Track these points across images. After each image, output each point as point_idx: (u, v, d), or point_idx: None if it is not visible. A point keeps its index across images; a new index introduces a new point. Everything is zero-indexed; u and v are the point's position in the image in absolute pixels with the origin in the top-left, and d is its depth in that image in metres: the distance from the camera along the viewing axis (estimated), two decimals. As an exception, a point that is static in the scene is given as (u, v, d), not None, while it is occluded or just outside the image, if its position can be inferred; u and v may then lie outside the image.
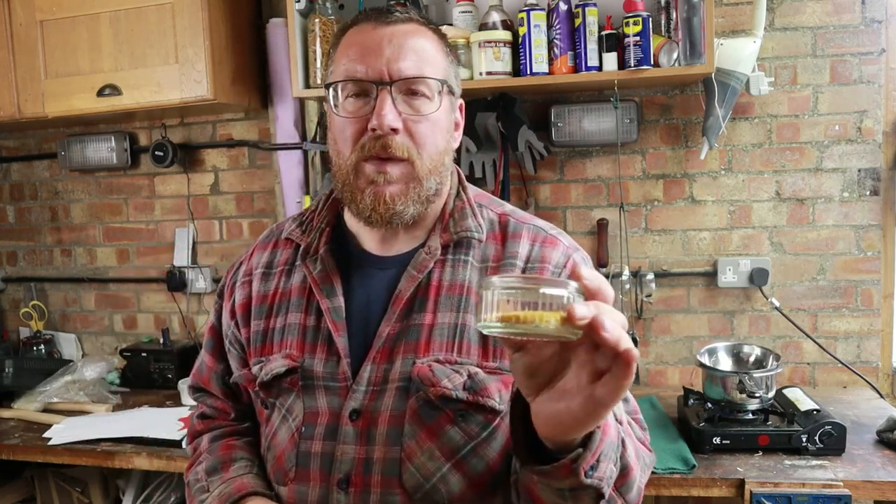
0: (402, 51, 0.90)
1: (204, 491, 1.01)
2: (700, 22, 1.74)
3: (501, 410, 0.91)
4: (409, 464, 0.89)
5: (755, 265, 2.02)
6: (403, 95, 0.91)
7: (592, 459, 0.68)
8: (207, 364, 1.12)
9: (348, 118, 0.92)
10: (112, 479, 2.15)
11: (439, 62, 0.94)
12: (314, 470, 0.92)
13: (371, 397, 0.92)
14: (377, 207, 0.91)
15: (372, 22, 0.93)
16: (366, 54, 0.91)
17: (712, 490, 1.47)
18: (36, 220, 2.58)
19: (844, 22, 1.95)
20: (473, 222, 0.98)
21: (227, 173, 2.38)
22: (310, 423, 0.94)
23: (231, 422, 1.11)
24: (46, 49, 2.08)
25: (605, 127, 2.01)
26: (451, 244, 0.97)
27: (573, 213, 2.14)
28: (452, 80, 0.96)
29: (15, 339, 2.59)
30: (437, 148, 0.94)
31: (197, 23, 1.95)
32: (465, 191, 1.02)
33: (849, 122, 1.97)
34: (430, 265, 0.95)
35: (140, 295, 2.49)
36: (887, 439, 1.58)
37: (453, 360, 0.91)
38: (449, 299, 0.94)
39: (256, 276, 1.05)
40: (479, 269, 0.96)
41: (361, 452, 0.90)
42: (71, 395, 2.14)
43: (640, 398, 1.94)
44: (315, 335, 0.96)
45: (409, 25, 0.93)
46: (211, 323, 1.13)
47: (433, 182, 0.94)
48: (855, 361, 2.01)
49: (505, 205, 1.05)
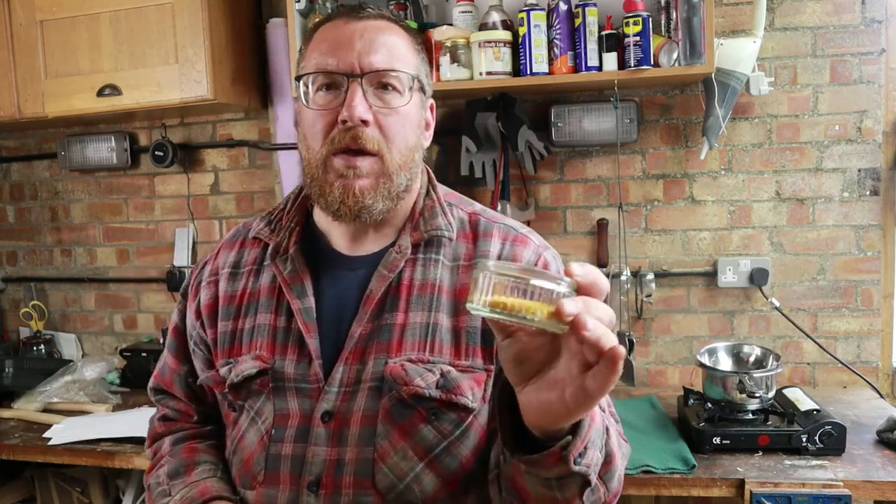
0: (373, 45, 0.91)
1: (165, 495, 0.99)
2: (700, 22, 1.74)
3: (474, 408, 0.91)
4: (382, 464, 0.89)
5: (755, 265, 2.02)
6: (374, 88, 0.91)
7: (581, 446, 0.68)
8: (170, 366, 1.10)
9: (319, 111, 0.91)
10: (112, 479, 2.15)
11: (410, 58, 0.94)
12: (284, 473, 0.91)
13: (343, 398, 0.91)
14: (346, 201, 0.90)
15: (344, 17, 0.93)
16: (337, 48, 0.91)
17: (712, 490, 1.47)
18: (36, 220, 2.58)
19: (844, 22, 1.95)
20: (444, 221, 0.98)
21: (227, 173, 2.38)
22: (280, 425, 0.93)
23: (194, 424, 1.09)
24: (46, 49, 2.08)
25: (605, 127, 2.01)
26: (421, 243, 0.97)
27: (573, 213, 2.14)
28: (423, 78, 0.96)
29: (15, 339, 2.59)
30: (407, 143, 0.93)
31: (197, 23, 1.95)
32: (434, 189, 1.02)
33: (849, 122, 1.97)
34: (400, 264, 0.95)
35: (140, 295, 2.49)
36: (887, 439, 1.58)
37: (426, 360, 0.91)
38: (420, 299, 0.94)
39: (223, 276, 1.03)
40: (451, 268, 0.96)
41: (333, 454, 0.90)
42: (71, 395, 2.14)
43: (640, 398, 1.94)
44: (286, 336, 0.95)
45: (381, 21, 0.94)
46: (174, 323, 1.10)
47: (403, 178, 0.93)
48: (855, 361, 2.01)
49: (475, 204, 1.05)
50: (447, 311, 0.94)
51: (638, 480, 1.49)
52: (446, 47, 1.87)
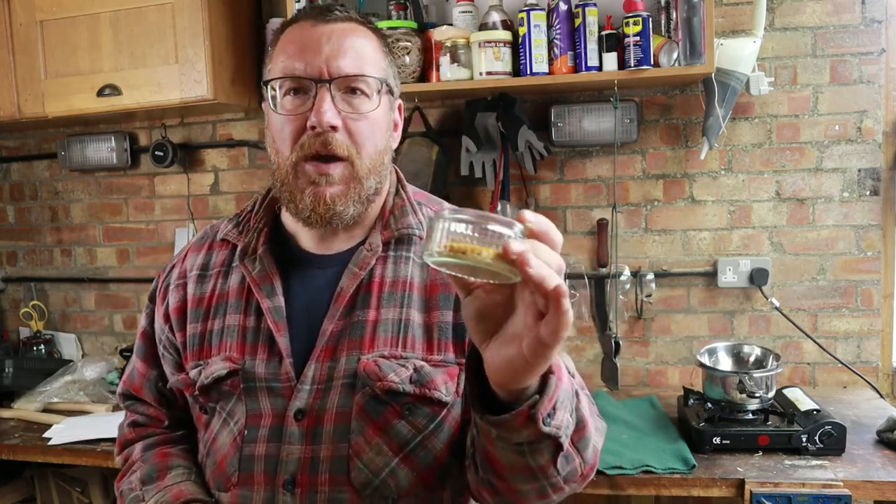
0: (341, 49, 0.90)
1: (139, 501, 0.98)
2: (700, 22, 1.74)
3: (448, 402, 0.92)
4: (357, 460, 0.89)
5: (755, 265, 2.02)
6: (342, 93, 0.91)
7: (549, 405, 0.68)
8: (139, 370, 1.09)
9: (287, 116, 0.91)
10: (112, 479, 2.15)
11: (378, 61, 0.94)
12: (258, 473, 0.91)
13: (316, 396, 0.91)
14: (317, 208, 0.91)
15: (311, 20, 0.93)
16: (304, 51, 0.90)
17: (712, 490, 1.47)
18: (36, 220, 2.58)
19: (844, 22, 1.95)
20: (414, 219, 0.99)
21: (227, 173, 2.38)
22: (252, 425, 0.93)
23: (164, 430, 1.08)
24: (46, 49, 2.08)
25: (605, 127, 2.01)
26: (392, 241, 0.98)
27: (573, 213, 2.14)
28: (391, 80, 0.97)
29: (15, 339, 2.59)
30: (377, 147, 0.94)
31: (197, 23, 1.95)
32: (404, 188, 1.03)
33: (849, 122, 1.97)
34: (371, 262, 0.95)
35: (140, 295, 2.49)
36: (887, 439, 1.58)
37: (399, 355, 0.91)
38: (392, 295, 0.94)
39: (191, 279, 1.03)
40: (421, 266, 0.97)
41: (307, 452, 0.90)
42: (71, 395, 2.14)
43: (640, 398, 1.94)
44: (255, 336, 0.95)
45: (348, 24, 0.94)
46: (143, 328, 1.10)
47: (373, 181, 0.94)
48: (855, 361, 2.01)
49: (443, 203, 1.06)
50: (418, 307, 0.95)
51: (638, 480, 1.49)
52: (446, 47, 1.87)
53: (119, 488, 1.04)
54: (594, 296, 2.12)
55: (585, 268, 2.13)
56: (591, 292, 2.12)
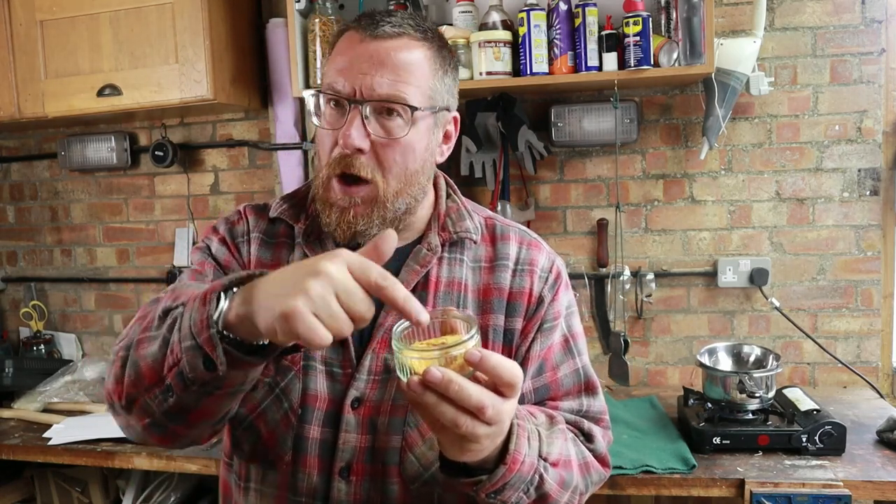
0: (382, 69, 0.89)
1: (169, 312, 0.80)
2: (700, 22, 1.74)
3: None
4: (409, 453, 0.92)
5: (755, 265, 2.02)
6: (377, 115, 0.90)
7: (492, 488, 0.77)
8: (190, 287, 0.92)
9: (326, 129, 0.93)
10: (112, 479, 2.15)
11: (425, 78, 0.92)
12: (312, 456, 0.93)
13: (373, 386, 0.93)
14: (341, 224, 0.92)
15: (360, 32, 0.91)
16: (347, 67, 0.90)
17: (712, 490, 1.47)
18: (36, 220, 2.58)
19: (844, 22, 1.95)
20: (471, 224, 1.02)
21: (227, 173, 2.38)
22: (308, 406, 0.93)
23: None
24: (46, 49, 2.08)
25: (605, 127, 2.01)
26: (447, 243, 0.99)
27: (573, 213, 2.14)
28: (441, 97, 0.94)
29: (15, 339, 2.59)
30: (408, 170, 0.93)
31: (197, 23, 1.95)
32: (456, 194, 1.06)
33: (849, 122, 1.97)
34: (432, 261, 0.97)
35: (140, 295, 2.49)
36: (887, 439, 1.58)
37: None
38: (448, 295, 0.97)
39: (254, 240, 1.01)
40: (472, 269, 1.00)
41: (364, 441, 0.92)
42: (71, 395, 2.14)
43: (640, 398, 1.94)
44: None
45: (397, 41, 0.91)
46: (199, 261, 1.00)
47: (402, 203, 0.94)
48: (855, 361, 2.01)
49: (486, 209, 1.09)
50: (473, 308, 0.97)
51: (638, 480, 1.49)
52: (446, 47, 1.86)
53: (120, 347, 0.86)
54: (594, 296, 2.12)
55: (585, 268, 2.13)
56: (591, 292, 2.12)
